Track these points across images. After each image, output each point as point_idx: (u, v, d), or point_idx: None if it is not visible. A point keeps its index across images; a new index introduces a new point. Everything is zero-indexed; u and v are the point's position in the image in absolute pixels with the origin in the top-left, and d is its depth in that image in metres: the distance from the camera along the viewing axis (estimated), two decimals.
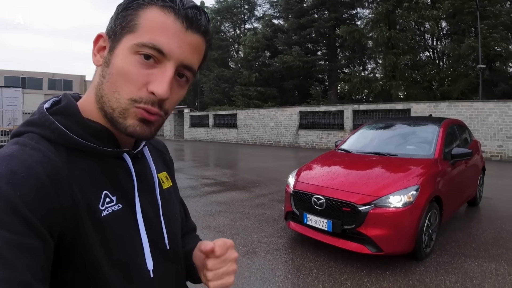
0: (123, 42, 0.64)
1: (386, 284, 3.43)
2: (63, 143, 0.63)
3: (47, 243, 0.54)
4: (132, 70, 0.63)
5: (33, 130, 0.63)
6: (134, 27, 0.63)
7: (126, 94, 0.63)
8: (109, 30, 0.67)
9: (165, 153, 0.98)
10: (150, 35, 0.62)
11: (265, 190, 7.89)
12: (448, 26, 21.31)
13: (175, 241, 0.82)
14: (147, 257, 0.70)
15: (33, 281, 0.49)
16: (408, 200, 3.67)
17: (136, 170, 0.73)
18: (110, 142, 0.69)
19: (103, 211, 0.63)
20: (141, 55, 0.62)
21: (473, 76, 17.75)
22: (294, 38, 26.99)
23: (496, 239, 4.69)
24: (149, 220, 0.73)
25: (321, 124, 19.94)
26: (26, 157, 0.56)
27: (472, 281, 3.49)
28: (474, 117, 14.40)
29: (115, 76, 0.63)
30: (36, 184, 0.54)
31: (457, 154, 4.67)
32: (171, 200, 0.87)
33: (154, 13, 0.62)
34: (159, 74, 0.64)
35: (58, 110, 0.66)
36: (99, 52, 0.68)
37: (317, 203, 3.98)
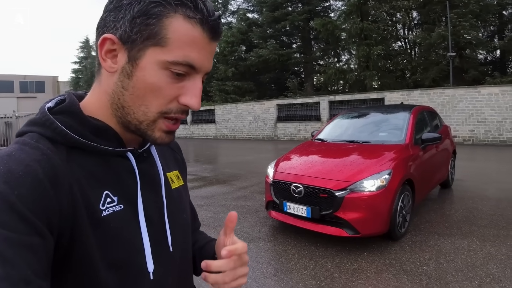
0: (148, 54, 0.61)
1: (364, 264, 3.62)
2: (64, 142, 0.63)
3: (47, 240, 0.54)
4: (164, 86, 0.63)
5: (34, 130, 0.63)
6: (163, 41, 0.61)
7: (155, 108, 0.64)
8: (122, 34, 0.62)
9: (177, 152, 0.97)
10: (182, 52, 0.61)
11: (246, 182, 8.02)
12: (419, 16, 21.82)
13: (182, 242, 0.81)
14: (148, 258, 0.69)
15: (33, 278, 0.50)
16: (381, 184, 3.86)
17: (140, 169, 0.72)
18: (113, 141, 0.69)
19: (103, 211, 0.63)
20: (173, 72, 0.62)
21: (444, 64, 18.32)
22: (269, 31, 27.06)
23: (468, 218, 4.96)
24: (152, 220, 0.72)
25: (298, 116, 20.20)
26: (24, 156, 0.56)
27: (445, 257, 3.71)
28: (445, 104, 14.90)
29: (142, 90, 0.63)
30: (33, 183, 0.54)
31: (427, 139, 4.91)
32: (181, 200, 0.85)
33: (181, 26, 0.60)
34: (190, 87, 0.65)
35: (60, 109, 0.67)
36: (107, 56, 0.65)
37: (295, 191, 4.14)
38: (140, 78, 0.62)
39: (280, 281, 3.34)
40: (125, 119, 0.66)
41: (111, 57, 0.64)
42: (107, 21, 0.64)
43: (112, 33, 0.63)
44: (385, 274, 3.40)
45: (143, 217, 0.69)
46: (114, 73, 0.64)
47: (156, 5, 0.59)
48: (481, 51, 20.10)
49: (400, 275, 3.35)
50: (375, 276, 3.37)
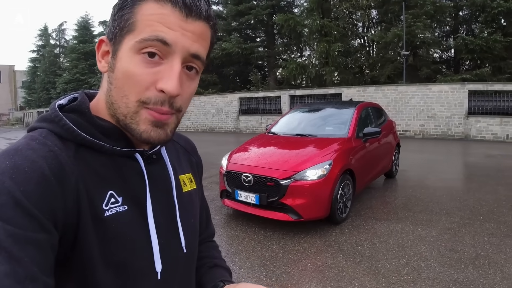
0: (124, 43, 0.62)
1: (306, 245, 4.02)
2: (71, 138, 0.63)
3: (52, 236, 0.54)
4: (137, 70, 0.62)
5: (44, 126, 0.64)
6: (133, 25, 0.61)
7: (133, 96, 0.63)
8: (109, 33, 0.65)
9: (192, 154, 0.95)
10: (150, 28, 0.60)
11: (205, 174, 8.28)
12: (378, 15, 22.68)
13: (193, 245, 0.82)
14: (156, 259, 0.69)
15: (39, 275, 0.50)
16: (322, 173, 4.28)
17: (149, 171, 0.72)
18: (121, 141, 0.69)
19: (106, 211, 0.63)
20: (144, 54, 0.61)
21: (399, 62, 19.22)
22: (233, 25, 27.20)
23: (405, 205, 5.49)
24: (162, 222, 0.72)
25: (260, 109, 20.60)
26: (30, 152, 0.56)
27: (379, 239, 4.17)
28: (398, 100, 15.75)
29: (121, 80, 0.63)
30: (39, 179, 0.54)
31: (367, 133, 5.39)
32: (192, 203, 0.84)
33: (149, 7, 0.60)
34: (166, 70, 0.62)
35: (70, 107, 0.68)
36: (103, 58, 0.67)
37: (246, 180, 4.48)
38: (119, 68, 0.63)
39: (229, 261, 3.67)
40: (116, 117, 0.66)
41: (106, 58, 0.67)
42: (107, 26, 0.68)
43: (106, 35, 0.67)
44: (324, 253, 3.81)
45: (152, 218, 0.69)
46: (107, 73, 0.67)
47: None
48: (435, 50, 21.18)
49: (337, 254, 3.77)
50: (315, 255, 3.78)
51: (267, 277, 3.33)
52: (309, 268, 3.49)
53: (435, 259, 3.59)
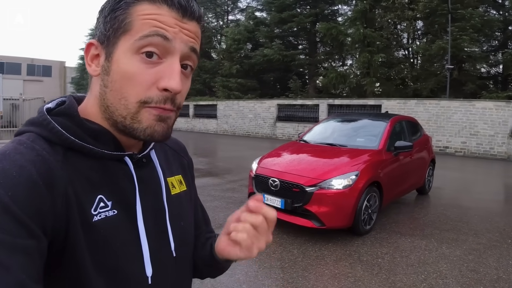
0: (120, 45, 0.62)
1: (326, 253, 4.09)
2: (60, 143, 0.62)
3: (41, 242, 0.53)
4: (137, 71, 0.61)
5: (32, 130, 0.63)
6: (128, 25, 0.61)
7: (133, 97, 0.62)
8: (100, 36, 0.64)
9: (183, 155, 0.94)
10: (149, 25, 0.60)
11: (236, 176, 8.50)
12: (424, 27, 22.16)
13: (183, 248, 0.80)
14: (146, 263, 0.68)
15: (28, 282, 0.49)
16: (347, 183, 4.34)
17: (139, 175, 0.71)
18: (110, 145, 0.68)
19: (95, 215, 0.62)
20: (143, 54, 0.61)
21: (443, 75, 18.68)
22: (276, 31, 27.43)
23: (433, 222, 5.42)
24: (152, 226, 0.71)
25: (297, 117, 20.64)
26: (18, 156, 0.56)
27: (401, 253, 4.17)
28: (440, 114, 15.30)
29: (118, 82, 0.62)
30: (27, 184, 0.53)
31: (399, 147, 5.37)
32: (182, 206, 0.83)
33: (146, 8, 0.61)
34: (166, 68, 0.62)
35: (58, 111, 0.67)
36: (93, 62, 0.66)
37: (273, 184, 4.62)
38: (115, 70, 0.62)
39: (250, 261, 3.82)
40: (112, 120, 0.65)
41: (96, 62, 0.66)
42: (95, 29, 0.67)
43: (94, 38, 0.66)
44: (343, 262, 3.88)
45: (142, 222, 0.69)
46: (98, 76, 0.66)
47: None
48: (481, 65, 20.40)
49: (356, 264, 3.82)
50: (333, 263, 3.85)
51: (283, 278, 3.45)
52: (326, 275, 3.57)
53: (455, 278, 3.56)
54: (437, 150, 14.82)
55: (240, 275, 3.49)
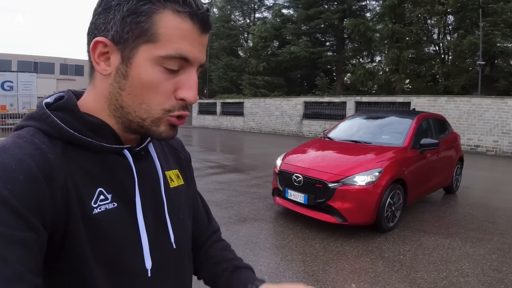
0: (141, 52, 0.62)
1: (348, 248, 4.15)
2: (59, 136, 0.63)
3: (40, 235, 0.54)
4: (159, 81, 0.63)
5: (31, 124, 0.64)
6: (154, 37, 0.61)
7: (157, 105, 0.65)
8: (114, 35, 0.62)
9: (180, 150, 0.95)
10: (174, 45, 0.62)
11: (262, 173, 8.62)
12: (454, 22, 21.56)
13: (183, 240, 0.81)
14: (146, 256, 0.69)
15: (26, 274, 0.50)
16: (370, 180, 4.37)
17: (138, 168, 0.72)
18: (110, 138, 0.69)
19: (95, 208, 0.63)
20: (166, 67, 0.63)
21: (474, 72, 18.15)
22: (303, 28, 27.33)
23: (458, 221, 5.35)
24: (151, 218, 0.72)
25: (324, 114, 20.49)
26: (17, 150, 0.56)
27: (423, 251, 4.16)
28: (471, 112, 14.86)
29: (139, 88, 0.63)
30: (27, 177, 0.54)
31: (424, 144, 5.33)
32: (180, 199, 0.84)
33: (171, 20, 0.61)
34: (186, 80, 0.65)
35: (57, 106, 0.68)
36: (100, 59, 0.65)
37: (296, 180, 4.71)
38: (136, 77, 0.63)
39: (272, 253, 3.95)
40: (126, 119, 0.67)
41: (104, 60, 0.65)
42: (97, 24, 0.64)
43: (103, 35, 0.63)
44: (364, 258, 3.92)
45: (141, 215, 0.70)
46: (108, 76, 0.65)
47: (145, 3, 0.60)
48: None
49: (377, 260, 3.86)
50: (354, 258, 3.90)
51: (304, 271, 3.54)
52: (347, 269, 3.64)
53: (476, 277, 3.54)
54: (468, 149, 14.43)
55: (262, 267, 3.61)
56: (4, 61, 35.79)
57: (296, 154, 5.45)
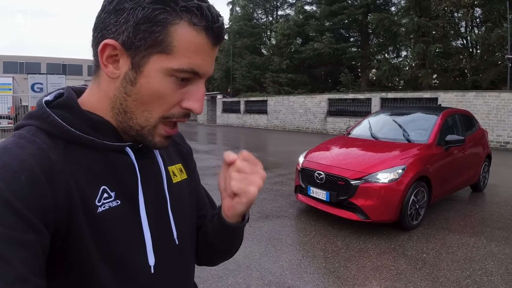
0: (153, 61, 0.62)
1: (370, 246, 4.15)
2: (61, 135, 0.62)
3: (43, 236, 0.53)
4: (168, 92, 0.63)
5: (32, 123, 0.63)
6: (168, 49, 0.61)
7: (158, 113, 0.65)
8: (125, 41, 0.61)
9: (182, 144, 0.94)
10: (188, 59, 0.62)
11: (285, 170, 8.66)
12: (482, 14, 20.88)
13: (185, 236, 0.81)
14: (149, 253, 0.70)
15: (30, 276, 0.50)
16: (393, 177, 4.35)
17: (140, 165, 0.71)
18: (111, 136, 0.68)
19: (99, 207, 0.63)
20: (176, 78, 0.63)
21: (503, 66, 17.56)
22: (327, 24, 27.05)
23: (484, 220, 5.24)
24: (154, 215, 0.72)
25: (349, 111, 20.32)
26: (19, 150, 0.56)
27: (447, 250, 4.11)
28: (501, 108, 14.39)
29: (146, 97, 0.63)
30: (29, 178, 0.53)
31: (450, 141, 5.24)
32: (183, 194, 0.84)
33: (186, 33, 0.61)
34: (194, 92, 0.66)
35: (57, 104, 0.67)
36: (108, 61, 0.64)
37: (318, 177, 4.74)
38: (144, 85, 0.63)
39: (294, 249, 4.00)
40: (126, 124, 0.67)
41: (112, 62, 0.64)
42: (107, 24, 0.63)
43: (114, 38, 0.62)
44: (386, 255, 3.92)
45: (144, 212, 0.70)
46: (115, 79, 0.64)
47: (161, 12, 0.59)
48: None
49: (399, 258, 3.85)
50: (377, 255, 3.90)
51: (326, 267, 3.57)
52: (368, 266, 3.65)
53: (500, 276, 3.48)
54: (497, 146, 14.00)
55: (283, 262, 3.67)
56: (33, 64, 37.11)
57: (318, 151, 5.47)
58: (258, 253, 3.90)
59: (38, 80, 23.07)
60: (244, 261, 3.69)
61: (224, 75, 34.13)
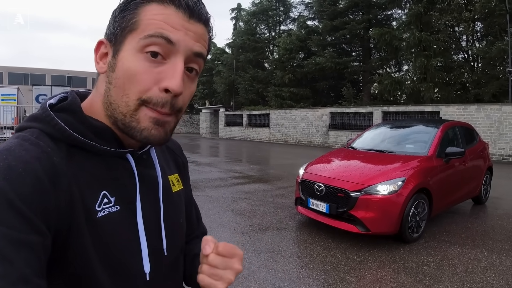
0: (126, 43, 0.63)
1: (370, 258, 4.12)
2: (63, 139, 0.63)
3: (45, 238, 0.54)
4: (140, 69, 0.62)
5: (35, 126, 0.64)
6: (135, 24, 0.63)
7: (134, 95, 0.63)
8: (109, 34, 0.66)
9: (179, 154, 0.96)
10: (154, 26, 0.62)
11: (287, 183, 8.66)
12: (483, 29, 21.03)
13: (175, 248, 0.81)
14: (145, 260, 0.70)
15: (32, 276, 0.50)
16: (393, 189, 4.35)
17: (140, 172, 0.72)
18: (113, 142, 0.69)
19: (99, 212, 0.63)
20: (147, 54, 0.62)
21: (504, 79, 17.62)
22: (329, 39, 27.31)
23: (486, 232, 5.20)
24: (150, 223, 0.73)
25: (351, 125, 20.40)
26: (23, 153, 0.56)
27: (448, 262, 4.07)
28: (502, 121, 14.41)
29: (121, 79, 0.63)
30: (33, 180, 0.54)
31: (450, 153, 5.24)
32: (178, 205, 0.85)
33: (154, 8, 0.62)
34: (169, 69, 0.63)
35: (61, 107, 0.67)
36: (101, 60, 0.67)
37: (318, 189, 4.75)
38: (120, 67, 0.63)
39: (293, 261, 3.98)
40: (114, 117, 0.66)
41: (102, 58, 0.68)
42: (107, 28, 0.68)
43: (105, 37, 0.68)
44: (386, 268, 3.89)
45: (141, 218, 0.70)
46: (105, 73, 0.67)
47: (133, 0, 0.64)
48: None
49: (399, 271, 3.82)
50: (376, 268, 3.87)
51: (325, 280, 3.55)
52: (368, 279, 3.62)
53: None
54: (500, 159, 13.97)
55: (283, 274, 3.65)
56: (39, 76, 37.35)
57: (318, 163, 5.48)
58: (257, 264, 3.89)
59: (42, 92, 23.25)
60: (242, 273, 3.68)
61: (227, 88, 34.40)
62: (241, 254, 0.73)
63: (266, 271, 3.72)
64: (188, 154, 15.44)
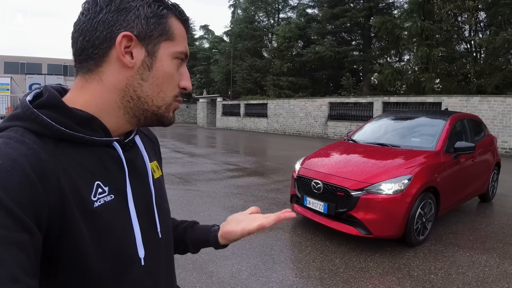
0: (162, 47, 0.72)
1: (372, 264, 3.73)
2: (50, 134, 0.63)
3: (35, 236, 0.54)
4: (174, 72, 0.75)
5: (18, 124, 0.63)
6: (172, 36, 0.73)
7: (170, 92, 0.75)
8: (140, 32, 0.69)
9: (156, 143, 1.00)
10: (183, 44, 0.76)
11: (283, 177, 8.25)
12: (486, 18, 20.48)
13: (167, 229, 0.86)
14: (139, 245, 0.72)
15: (22, 276, 0.49)
16: (398, 188, 3.93)
17: (127, 159, 0.74)
18: (99, 131, 0.70)
19: (95, 202, 0.64)
20: (179, 60, 0.76)
21: (509, 70, 17.15)
22: (328, 27, 26.68)
23: (496, 233, 4.83)
24: (141, 209, 0.75)
25: (350, 115, 19.96)
26: (10, 151, 0.56)
27: (457, 270, 3.70)
28: (506, 113, 13.99)
29: (161, 79, 0.73)
30: (21, 178, 0.54)
31: (459, 148, 4.82)
32: (162, 189, 0.89)
33: (177, 23, 0.74)
34: (184, 72, 0.78)
35: (41, 103, 0.66)
36: (127, 53, 0.69)
37: (315, 187, 4.32)
38: (159, 68, 0.72)
39: (286, 268, 3.58)
40: (139, 109, 0.73)
41: (126, 53, 0.69)
42: (114, 21, 0.68)
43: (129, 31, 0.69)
44: (390, 276, 3.50)
45: (133, 205, 0.72)
46: (129, 68, 0.70)
47: (163, 8, 0.72)
48: None
49: (404, 280, 3.43)
50: (379, 276, 3.48)
51: None
52: None
53: None
54: (503, 152, 13.56)
55: (274, 284, 3.24)
56: (34, 65, 36.93)
57: (316, 158, 5.05)
58: (246, 272, 3.48)
59: (36, 81, 22.89)
60: (229, 281, 3.28)
61: (225, 77, 33.74)
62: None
63: (255, 280, 3.32)
64: (183, 145, 15.05)
